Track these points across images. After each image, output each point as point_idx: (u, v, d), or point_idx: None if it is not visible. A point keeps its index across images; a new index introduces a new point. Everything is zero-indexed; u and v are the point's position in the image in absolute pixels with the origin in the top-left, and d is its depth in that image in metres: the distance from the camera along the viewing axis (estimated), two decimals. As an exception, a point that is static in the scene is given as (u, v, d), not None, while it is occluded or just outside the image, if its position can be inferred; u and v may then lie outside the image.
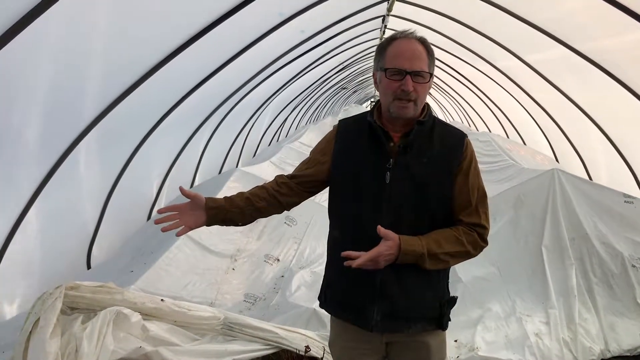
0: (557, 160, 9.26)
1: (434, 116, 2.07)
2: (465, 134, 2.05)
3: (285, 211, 2.25)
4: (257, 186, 2.18)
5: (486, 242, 2.02)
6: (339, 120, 2.24)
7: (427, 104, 2.06)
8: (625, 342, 4.17)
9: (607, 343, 4.18)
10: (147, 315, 2.91)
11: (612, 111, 6.39)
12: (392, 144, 1.98)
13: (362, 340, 2.09)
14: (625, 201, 4.95)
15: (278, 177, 2.23)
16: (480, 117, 13.78)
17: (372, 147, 2.02)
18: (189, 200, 2.03)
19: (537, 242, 4.98)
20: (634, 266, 4.63)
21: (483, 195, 2.03)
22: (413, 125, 1.96)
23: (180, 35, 4.18)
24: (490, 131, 12.64)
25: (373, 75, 2.09)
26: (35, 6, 2.50)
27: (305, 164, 2.22)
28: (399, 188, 1.95)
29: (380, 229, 1.83)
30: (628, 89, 5.33)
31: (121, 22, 3.41)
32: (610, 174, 7.25)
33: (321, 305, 2.26)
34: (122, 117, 4.37)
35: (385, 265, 1.89)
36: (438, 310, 2.05)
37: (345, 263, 1.82)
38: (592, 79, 5.89)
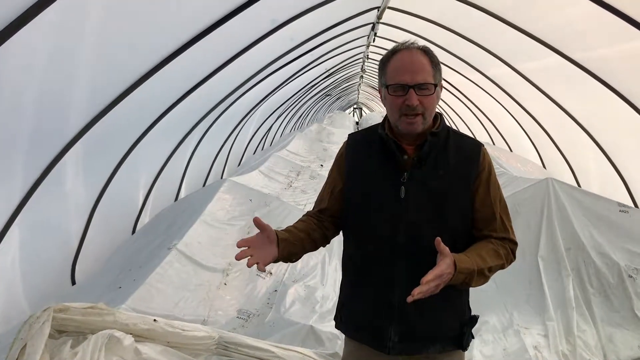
0: (545, 167, 9.26)
1: (448, 126, 1.97)
2: (481, 143, 1.96)
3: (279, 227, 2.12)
4: (301, 219, 2.08)
5: (515, 258, 1.94)
6: (349, 135, 2.14)
7: (440, 114, 1.97)
8: (623, 354, 4.11)
9: (605, 355, 4.12)
10: (139, 336, 2.76)
11: (605, 120, 6.36)
12: (405, 157, 1.89)
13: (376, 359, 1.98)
14: (620, 210, 4.93)
15: (310, 212, 2.13)
16: (466, 124, 13.77)
17: (385, 161, 1.92)
18: (258, 232, 1.86)
19: (533, 253, 4.92)
20: (630, 276, 4.58)
21: (505, 207, 1.95)
22: (426, 137, 1.87)
23: (169, 44, 4.07)
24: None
25: (379, 91, 1.99)
26: (22, 14, 2.36)
27: (324, 191, 2.13)
28: (415, 203, 1.85)
29: (440, 244, 1.70)
30: (623, 98, 5.30)
31: (108, 32, 3.28)
32: (601, 183, 7.23)
33: (337, 326, 2.16)
34: (109, 128, 4.24)
35: (402, 284, 1.80)
36: (458, 329, 1.96)
37: (410, 299, 1.65)
38: (586, 88, 5.86)
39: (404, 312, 1.88)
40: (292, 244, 1.91)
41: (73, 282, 5.13)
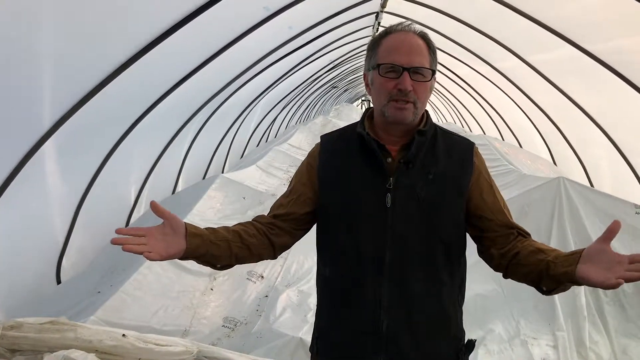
0: (555, 164, 9.01)
1: (435, 124, 1.73)
2: (473, 142, 1.74)
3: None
4: (241, 222, 1.75)
5: None
6: (321, 137, 1.85)
7: (426, 110, 1.72)
8: (638, 368, 3.90)
9: (619, 369, 3.91)
10: (105, 354, 2.51)
11: (620, 116, 6.10)
12: (389, 160, 1.63)
13: None
14: (636, 212, 4.69)
15: (260, 217, 1.81)
16: (475, 119, 13.54)
17: (366, 164, 1.65)
18: (161, 222, 1.53)
19: (542, 257, 4.67)
20: (647, 284, 4.33)
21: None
22: (412, 136, 1.62)
23: (155, 26, 3.78)
24: (484, 133, 12.37)
25: (364, 76, 1.74)
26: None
27: (287, 197, 1.80)
28: (403, 212, 1.60)
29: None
30: (642, 93, 5.01)
31: (85, 14, 3.00)
32: (614, 181, 7.00)
33: (313, 358, 1.86)
34: (93, 118, 4.00)
35: (390, 308, 1.58)
36: (453, 357, 1.70)
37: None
38: (601, 82, 5.59)
39: (395, 341, 1.62)
40: (211, 244, 1.59)
41: (58, 281, 4.91)
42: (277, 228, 1.75)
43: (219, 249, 1.61)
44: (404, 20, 1.71)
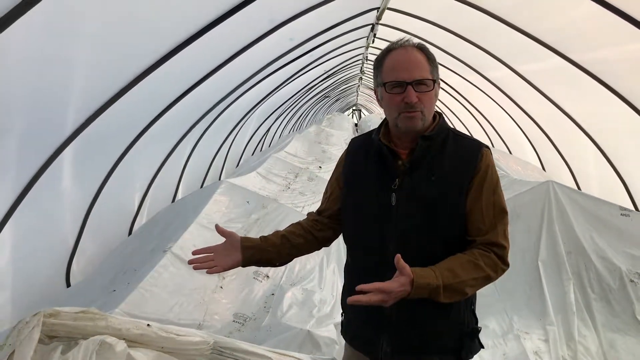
0: (544, 170, 9.22)
1: (449, 127, 1.91)
2: (483, 145, 1.87)
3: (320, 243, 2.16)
4: (292, 224, 2.10)
5: (507, 264, 1.80)
6: (351, 140, 2.11)
7: (440, 114, 1.92)
8: (625, 360, 4.06)
9: (607, 362, 4.07)
10: (132, 342, 2.69)
11: (606, 122, 6.31)
12: (399, 163, 1.83)
13: None
14: (621, 214, 4.86)
15: (309, 214, 2.15)
16: (465, 126, 13.71)
17: (380, 167, 1.88)
18: (223, 240, 1.97)
19: (533, 257, 4.86)
20: (632, 281, 4.53)
21: (501, 212, 1.81)
22: (417, 141, 1.81)
23: (164, 44, 4.00)
24: (475, 140, 12.51)
25: (375, 92, 1.95)
26: (9, 12, 2.29)
27: (326, 194, 2.12)
28: (405, 211, 1.79)
29: (400, 261, 1.62)
30: (624, 100, 5.25)
31: (103, 31, 3.21)
32: (601, 186, 7.18)
33: (341, 331, 2.17)
34: (104, 129, 4.17)
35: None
36: (457, 341, 1.87)
37: (350, 299, 1.63)
38: (587, 90, 5.81)
39: (396, 323, 1.84)
40: (263, 251, 1.95)
41: (68, 285, 5.06)
42: (320, 224, 2.07)
43: (269, 254, 1.97)
44: (402, 36, 1.92)
